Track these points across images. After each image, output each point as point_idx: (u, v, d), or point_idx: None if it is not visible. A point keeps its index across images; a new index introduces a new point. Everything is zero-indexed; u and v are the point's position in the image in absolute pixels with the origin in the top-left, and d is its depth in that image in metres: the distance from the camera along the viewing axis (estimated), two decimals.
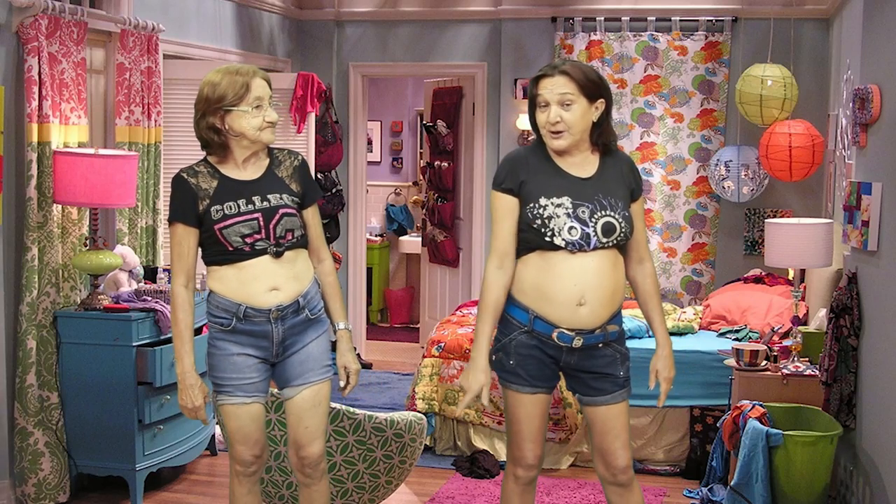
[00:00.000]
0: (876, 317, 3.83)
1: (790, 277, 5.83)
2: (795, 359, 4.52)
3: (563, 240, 3.05)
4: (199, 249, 3.22)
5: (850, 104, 4.33)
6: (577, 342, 3.10)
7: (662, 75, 6.67)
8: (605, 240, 3.08)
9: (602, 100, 3.12)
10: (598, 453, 3.23)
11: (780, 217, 6.24)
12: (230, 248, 3.13)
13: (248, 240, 3.12)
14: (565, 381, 3.26)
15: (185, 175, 3.20)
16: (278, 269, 3.16)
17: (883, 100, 3.86)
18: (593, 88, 3.10)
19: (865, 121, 3.99)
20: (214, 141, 3.20)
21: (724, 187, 6.32)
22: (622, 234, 3.11)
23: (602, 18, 6.70)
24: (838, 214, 5.03)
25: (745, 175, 6.22)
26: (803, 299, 5.23)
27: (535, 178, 3.12)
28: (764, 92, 5.95)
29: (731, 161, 6.25)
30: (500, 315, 3.17)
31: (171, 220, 3.19)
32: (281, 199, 3.19)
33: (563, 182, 3.12)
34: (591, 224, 3.07)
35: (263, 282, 3.14)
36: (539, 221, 3.07)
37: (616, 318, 3.17)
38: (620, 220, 3.10)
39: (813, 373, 4.40)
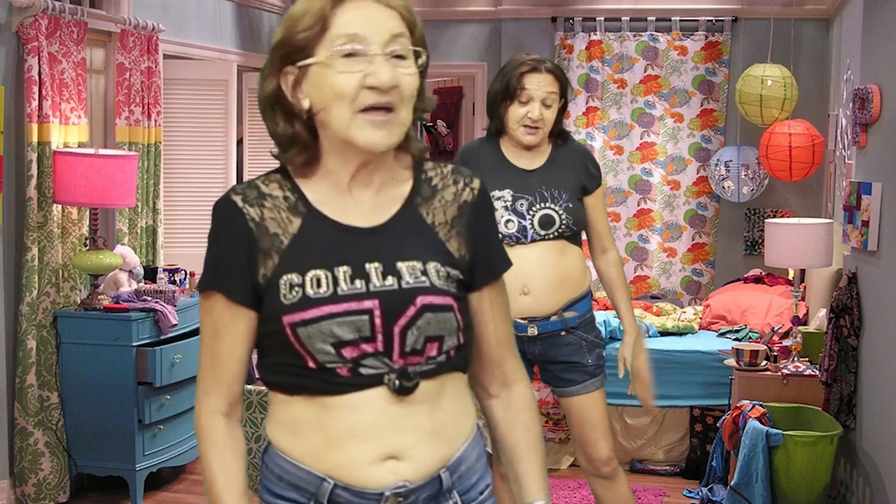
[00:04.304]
0: (876, 317, 3.82)
1: (790, 277, 5.83)
2: (795, 359, 4.52)
3: (500, 233, 3.06)
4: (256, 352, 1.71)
5: (850, 104, 4.33)
6: (532, 330, 3.11)
7: (662, 75, 6.67)
8: (543, 232, 3.08)
9: (564, 98, 3.18)
10: (579, 445, 3.23)
11: (780, 217, 6.24)
12: (312, 365, 1.55)
13: (345, 353, 1.54)
14: (539, 374, 3.26)
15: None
16: (403, 418, 1.57)
17: (883, 100, 3.86)
18: (565, 89, 3.17)
19: (865, 121, 3.99)
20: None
21: (724, 187, 6.32)
22: (563, 226, 3.10)
23: (602, 18, 6.69)
24: (838, 214, 5.03)
25: (745, 175, 6.22)
26: (803, 299, 5.23)
27: (482, 170, 3.12)
28: (764, 92, 5.95)
29: (731, 161, 6.25)
30: None
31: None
32: (424, 272, 1.59)
33: (506, 175, 3.13)
34: (528, 217, 3.08)
35: (372, 442, 1.57)
36: None
37: (576, 304, 3.17)
38: (561, 212, 3.10)
39: (813, 373, 4.40)
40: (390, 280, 1.55)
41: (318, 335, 1.52)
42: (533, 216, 3.08)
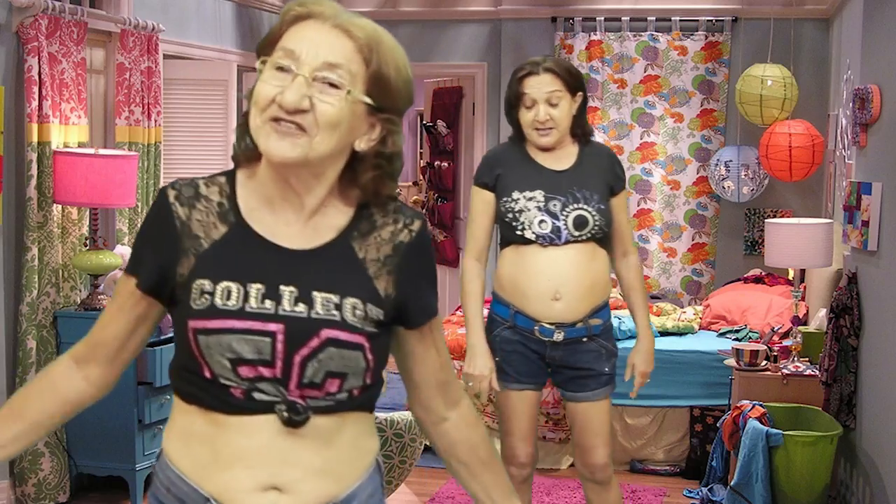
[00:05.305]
0: (876, 317, 3.82)
1: (790, 277, 5.83)
2: (795, 359, 4.52)
3: (534, 233, 3.06)
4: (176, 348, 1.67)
5: (850, 104, 4.33)
6: (559, 336, 3.10)
7: (662, 75, 6.67)
8: (576, 233, 3.07)
9: (580, 93, 3.15)
10: (578, 449, 3.24)
11: (780, 217, 6.24)
12: (207, 375, 1.52)
13: (242, 372, 1.50)
14: (551, 377, 3.26)
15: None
16: (291, 451, 1.52)
17: (883, 100, 3.86)
18: (575, 83, 3.15)
19: (865, 121, 3.99)
20: None
21: (724, 187, 6.32)
22: (596, 228, 3.09)
23: (602, 18, 6.69)
24: (838, 214, 5.03)
25: (745, 175, 6.22)
26: (803, 299, 5.23)
27: (511, 171, 3.13)
28: (764, 92, 5.95)
29: (731, 161, 6.25)
30: (483, 300, 3.18)
31: None
32: (339, 307, 1.52)
33: (537, 175, 3.12)
34: (561, 217, 3.07)
35: (257, 470, 1.52)
36: (511, 215, 3.08)
37: (600, 312, 3.16)
38: (594, 213, 3.09)
39: (813, 373, 4.40)
40: (301, 307, 1.49)
41: (217, 347, 1.48)
42: (567, 217, 3.07)
